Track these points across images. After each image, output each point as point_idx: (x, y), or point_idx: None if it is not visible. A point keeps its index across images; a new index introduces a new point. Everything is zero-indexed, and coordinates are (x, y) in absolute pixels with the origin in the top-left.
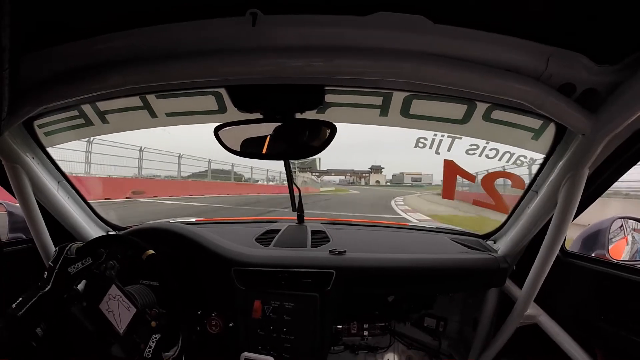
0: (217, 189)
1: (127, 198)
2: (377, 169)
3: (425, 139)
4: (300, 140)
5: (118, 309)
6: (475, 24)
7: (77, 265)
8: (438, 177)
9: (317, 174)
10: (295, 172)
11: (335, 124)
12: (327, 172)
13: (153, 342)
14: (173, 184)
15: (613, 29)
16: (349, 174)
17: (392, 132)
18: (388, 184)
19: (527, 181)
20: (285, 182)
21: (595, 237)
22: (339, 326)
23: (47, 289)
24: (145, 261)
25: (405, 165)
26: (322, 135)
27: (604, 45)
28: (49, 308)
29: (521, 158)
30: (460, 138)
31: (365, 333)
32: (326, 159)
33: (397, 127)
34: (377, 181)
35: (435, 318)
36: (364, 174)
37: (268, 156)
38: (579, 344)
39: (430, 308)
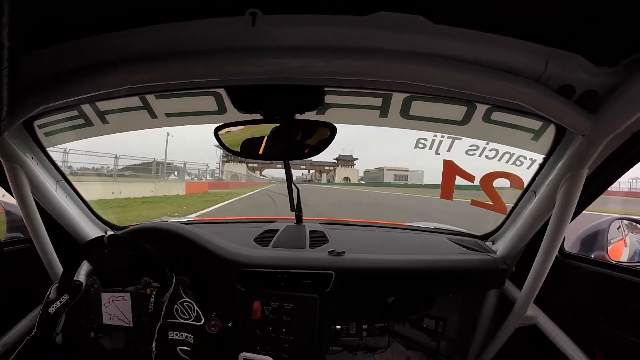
0: None
1: None
2: (346, 161)
3: (425, 139)
4: (300, 141)
5: (117, 307)
6: (475, 25)
7: (56, 304)
8: (431, 177)
9: (254, 164)
10: (223, 162)
11: (335, 124)
12: (271, 164)
13: (152, 298)
14: None
15: (612, 31)
16: (303, 166)
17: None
18: (362, 182)
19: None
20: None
21: (594, 238)
22: (338, 327)
23: (32, 333)
24: (108, 243)
25: (378, 162)
26: (322, 136)
27: (603, 46)
28: (36, 352)
29: (520, 158)
30: (460, 139)
31: (364, 334)
32: None
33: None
34: (347, 178)
35: (435, 319)
36: (326, 167)
37: (267, 157)
38: (578, 344)
39: (429, 309)
